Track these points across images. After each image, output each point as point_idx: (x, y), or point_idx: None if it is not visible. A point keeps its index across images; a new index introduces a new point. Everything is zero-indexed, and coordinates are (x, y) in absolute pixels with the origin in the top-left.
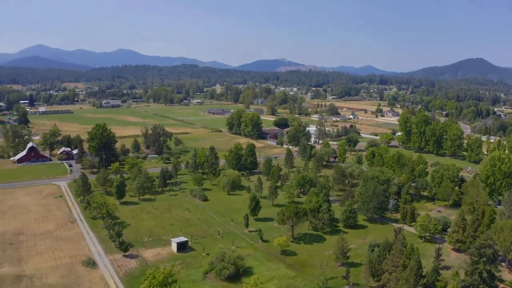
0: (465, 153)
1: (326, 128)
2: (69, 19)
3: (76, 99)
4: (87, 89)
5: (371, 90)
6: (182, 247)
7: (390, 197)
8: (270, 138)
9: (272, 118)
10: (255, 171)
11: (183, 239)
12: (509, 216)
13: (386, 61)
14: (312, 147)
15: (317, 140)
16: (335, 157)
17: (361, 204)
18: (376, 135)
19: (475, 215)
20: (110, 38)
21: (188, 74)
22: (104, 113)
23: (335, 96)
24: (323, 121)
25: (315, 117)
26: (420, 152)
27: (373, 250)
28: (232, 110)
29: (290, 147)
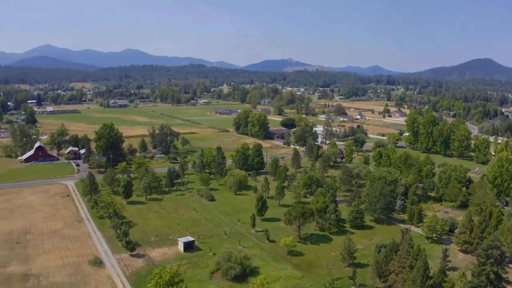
0: (472, 153)
1: (333, 129)
2: (77, 19)
3: (83, 99)
4: (94, 89)
5: (378, 91)
6: (189, 246)
7: (397, 198)
8: (277, 138)
9: (279, 118)
10: (262, 171)
11: (189, 238)
12: None
13: (393, 61)
14: (319, 147)
15: (324, 140)
16: (342, 158)
17: (368, 204)
18: (383, 135)
19: (483, 216)
20: (117, 38)
21: (195, 74)
22: (111, 113)
23: (342, 96)
24: (330, 121)
25: (322, 117)
26: (428, 153)
27: (380, 250)
28: (239, 110)
29: (297, 147)
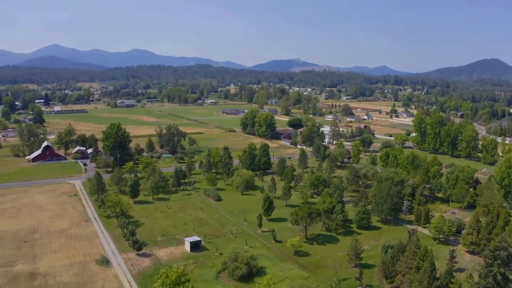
0: (480, 154)
1: (340, 129)
2: (84, 20)
3: (91, 99)
4: (102, 88)
5: (386, 91)
6: (196, 246)
7: (404, 199)
8: (284, 138)
9: (286, 119)
10: (269, 171)
11: (196, 238)
12: None
13: (400, 62)
14: (326, 147)
15: (331, 140)
16: (349, 158)
17: (375, 205)
18: (390, 135)
19: (490, 217)
20: (125, 38)
21: (203, 74)
22: (118, 112)
23: (349, 97)
24: (337, 121)
25: (329, 117)
26: (435, 153)
27: (386, 251)
28: (246, 110)
29: (304, 147)
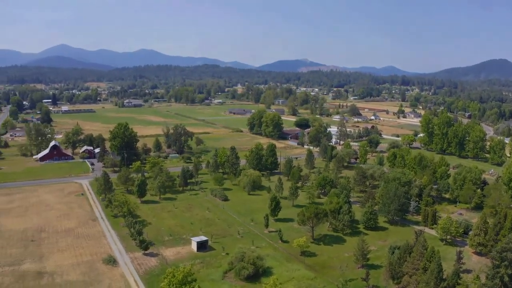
0: (487, 155)
1: (347, 129)
2: (92, 20)
3: (98, 99)
4: (109, 88)
5: (393, 91)
6: (202, 246)
7: (412, 199)
8: (291, 138)
9: (293, 119)
10: (276, 171)
11: (203, 238)
12: None
13: (408, 62)
14: (333, 148)
15: (338, 141)
16: (356, 158)
17: (382, 205)
18: (397, 136)
19: (497, 218)
20: (132, 38)
21: (210, 74)
22: (126, 112)
23: (356, 97)
24: (345, 121)
25: (336, 117)
26: (442, 154)
27: (393, 252)
28: (253, 110)
29: (311, 147)
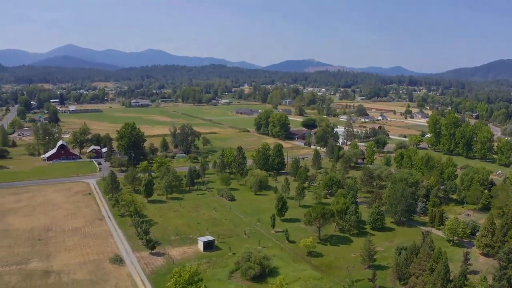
0: (495, 156)
1: (354, 129)
2: (99, 20)
3: (105, 98)
4: (116, 88)
5: (400, 91)
6: (209, 246)
7: (419, 200)
8: (297, 138)
9: (300, 119)
10: (283, 171)
11: (209, 238)
12: None
13: (415, 62)
14: (340, 148)
15: (345, 141)
16: (363, 159)
17: (389, 206)
18: (405, 136)
19: (505, 219)
20: (139, 38)
21: (217, 74)
22: (133, 112)
23: (363, 97)
24: (352, 122)
25: (343, 118)
26: (450, 155)
27: (400, 253)
28: (260, 110)
29: (318, 148)
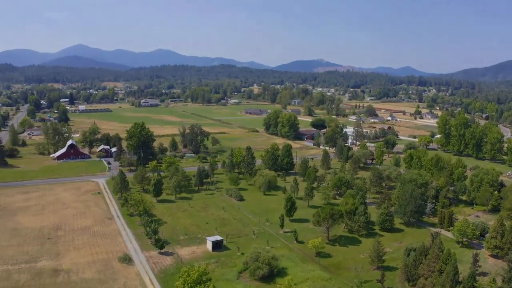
0: (505, 157)
1: (364, 130)
2: (109, 20)
3: (115, 98)
4: (126, 88)
5: (410, 92)
6: (217, 246)
7: (428, 201)
8: (306, 139)
9: (309, 119)
10: (291, 171)
11: (218, 238)
12: None
13: (425, 62)
14: (349, 148)
15: (355, 141)
16: (372, 159)
17: (398, 207)
18: (414, 137)
19: None
20: (149, 38)
21: (226, 74)
22: (142, 112)
23: (373, 97)
24: (361, 122)
25: (352, 118)
26: (459, 156)
27: (409, 254)
28: (269, 111)
29: (327, 148)
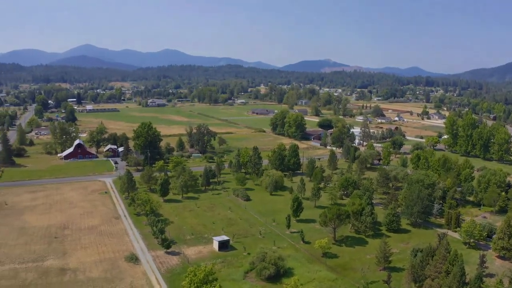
0: None
1: (371, 130)
2: (117, 20)
3: (122, 98)
4: (133, 88)
5: (417, 92)
6: (224, 246)
7: (435, 202)
8: (313, 139)
9: (316, 119)
10: (298, 172)
11: (224, 238)
12: None
13: (432, 63)
14: (356, 149)
15: (361, 142)
16: (379, 160)
17: (405, 208)
18: (421, 137)
19: None
20: (156, 38)
21: (233, 74)
22: (149, 112)
23: (380, 98)
24: (368, 122)
25: (359, 118)
26: (467, 156)
27: (416, 255)
28: (276, 111)
29: (334, 148)
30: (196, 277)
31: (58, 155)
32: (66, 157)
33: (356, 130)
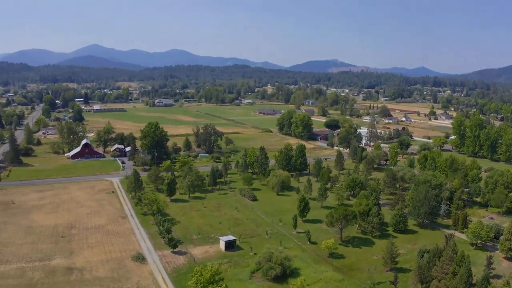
0: None
1: (378, 130)
2: (124, 20)
3: (129, 98)
4: (140, 88)
5: (425, 92)
6: (230, 246)
7: (442, 202)
8: (320, 139)
9: (323, 119)
10: (305, 172)
11: (231, 238)
12: None
13: (440, 63)
14: (363, 149)
15: (368, 142)
16: (386, 160)
17: (412, 208)
18: (429, 138)
19: None
20: (163, 38)
21: (240, 74)
22: (156, 112)
23: (387, 98)
24: (375, 123)
25: (366, 119)
26: (474, 157)
27: (422, 256)
28: (282, 111)
29: (341, 148)
30: (203, 277)
31: (66, 154)
32: (74, 156)
33: (363, 131)
